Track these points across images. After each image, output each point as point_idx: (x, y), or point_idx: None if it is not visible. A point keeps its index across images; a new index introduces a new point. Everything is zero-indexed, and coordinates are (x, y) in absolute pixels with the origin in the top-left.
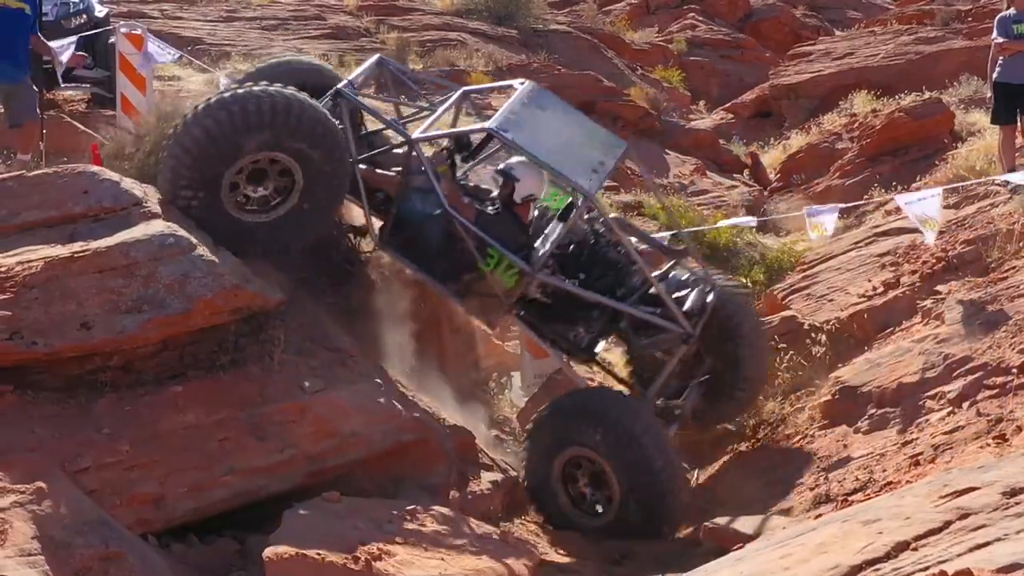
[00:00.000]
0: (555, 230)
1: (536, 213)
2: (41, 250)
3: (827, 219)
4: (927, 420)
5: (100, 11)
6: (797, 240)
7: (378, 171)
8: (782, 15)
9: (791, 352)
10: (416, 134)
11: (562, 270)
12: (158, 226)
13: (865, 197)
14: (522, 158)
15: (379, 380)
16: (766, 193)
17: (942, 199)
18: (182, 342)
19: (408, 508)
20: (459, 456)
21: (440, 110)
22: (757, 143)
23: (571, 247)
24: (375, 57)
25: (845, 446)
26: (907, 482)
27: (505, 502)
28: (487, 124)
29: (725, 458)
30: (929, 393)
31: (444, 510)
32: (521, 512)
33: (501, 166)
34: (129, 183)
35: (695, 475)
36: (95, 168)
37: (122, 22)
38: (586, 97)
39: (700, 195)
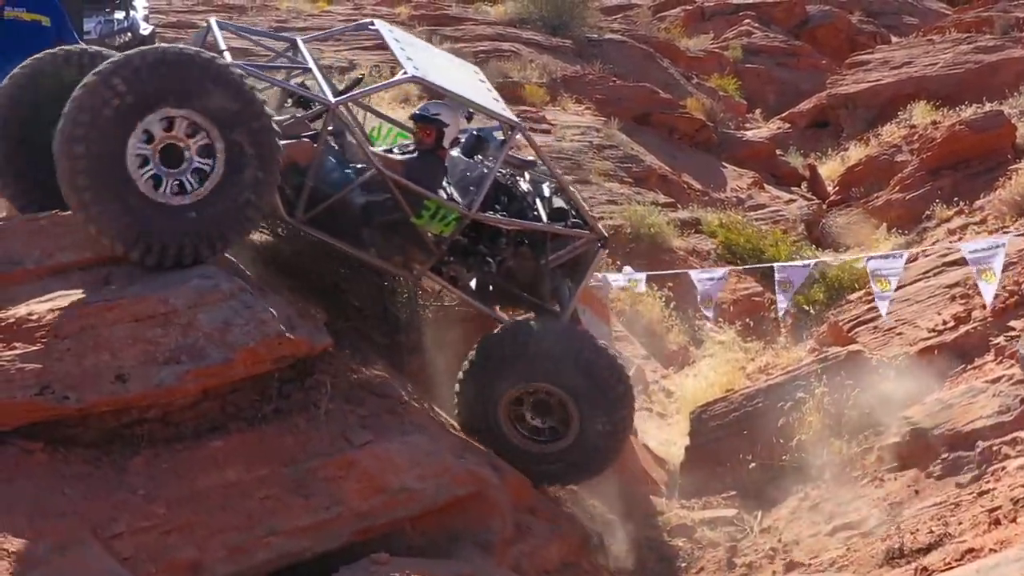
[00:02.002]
0: (472, 167)
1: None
2: (74, 296)
3: (891, 269)
4: (1004, 468)
5: (145, 28)
6: (858, 257)
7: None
8: (838, 21)
9: (858, 389)
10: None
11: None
12: (198, 269)
13: (926, 213)
14: (437, 101)
15: (431, 429)
16: (824, 207)
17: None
18: (223, 391)
19: (463, 572)
20: (514, 505)
21: (307, 67)
22: (814, 153)
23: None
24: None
25: (916, 492)
26: (990, 549)
27: (564, 550)
28: (410, 72)
29: (791, 500)
30: (1005, 439)
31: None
32: (581, 555)
33: (417, 111)
34: None
35: (758, 517)
36: None
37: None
38: (642, 109)
39: (758, 209)
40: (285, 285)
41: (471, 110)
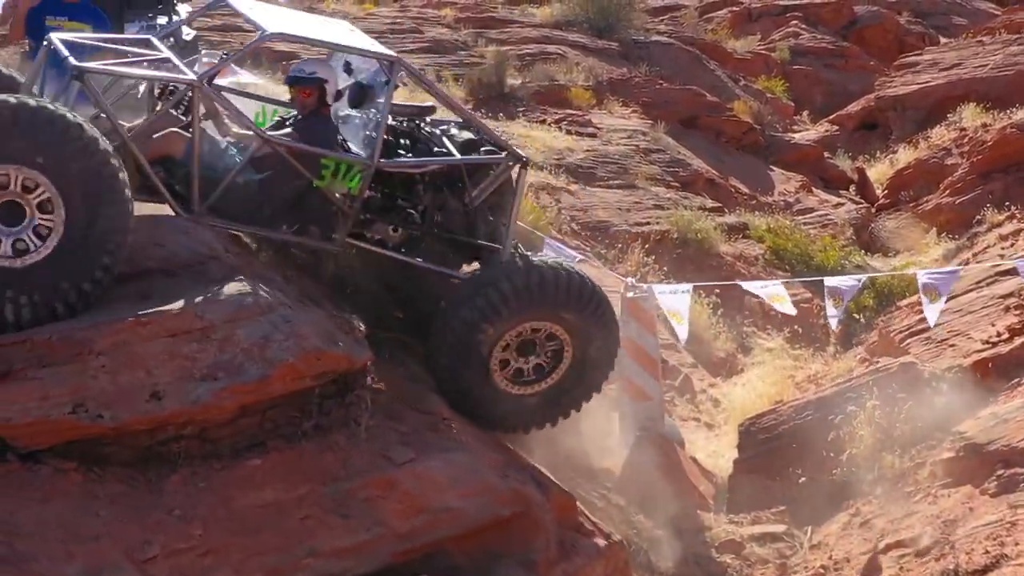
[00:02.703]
0: (366, 119)
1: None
2: (109, 311)
3: (943, 283)
4: None
5: (188, 34)
6: (908, 263)
7: (154, 137)
8: (886, 22)
9: (910, 402)
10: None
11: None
12: (236, 283)
13: (977, 217)
14: (307, 59)
15: (473, 446)
16: (873, 210)
17: None
18: (261, 407)
19: None
20: (558, 522)
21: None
22: (863, 156)
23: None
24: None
25: (971, 509)
26: None
27: (609, 568)
28: (270, 30)
29: (841, 515)
30: None
31: None
32: (627, 573)
33: (291, 74)
34: (206, 235)
35: (808, 533)
36: (169, 217)
37: (205, 51)
38: (689, 112)
39: (806, 213)
40: (325, 295)
41: (347, 59)
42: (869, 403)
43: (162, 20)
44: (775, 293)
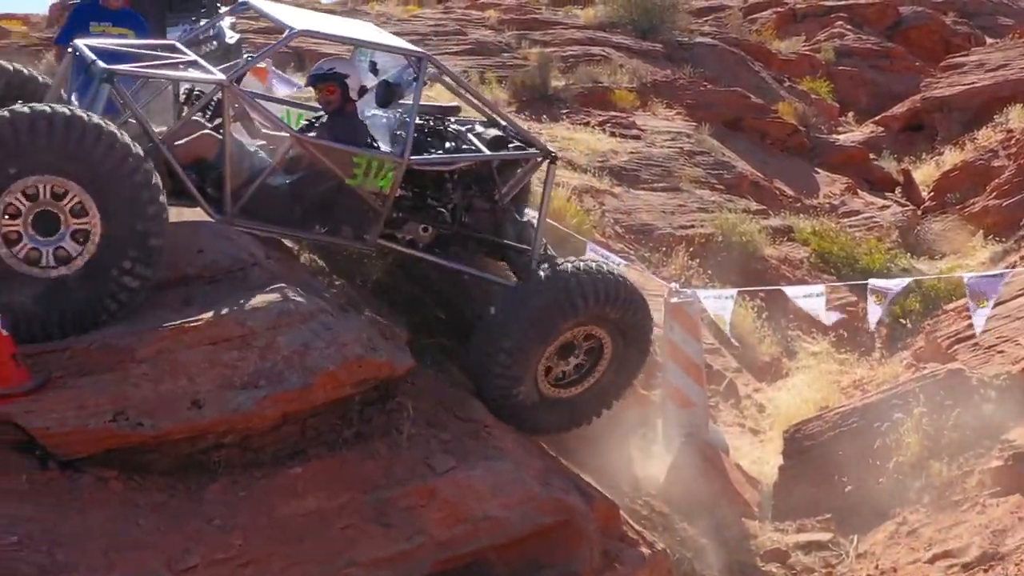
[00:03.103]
0: (393, 118)
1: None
2: (150, 318)
3: (990, 286)
4: None
5: (231, 37)
6: (954, 266)
7: (183, 141)
8: (932, 22)
9: (958, 409)
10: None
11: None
12: (277, 290)
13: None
14: (329, 58)
15: (515, 454)
16: (919, 213)
17: None
18: (303, 415)
19: None
20: (602, 531)
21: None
22: (908, 158)
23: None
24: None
25: (1020, 519)
26: None
27: None
28: (296, 28)
29: (888, 524)
30: None
31: None
32: None
33: (312, 73)
34: (247, 240)
35: (854, 542)
36: (209, 223)
37: (247, 55)
38: (733, 113)
39: (851, 216)
40: (366, 301)
41: (373, 58)
42: (916, 410)
43: (205, 24)
44: (813, 302)
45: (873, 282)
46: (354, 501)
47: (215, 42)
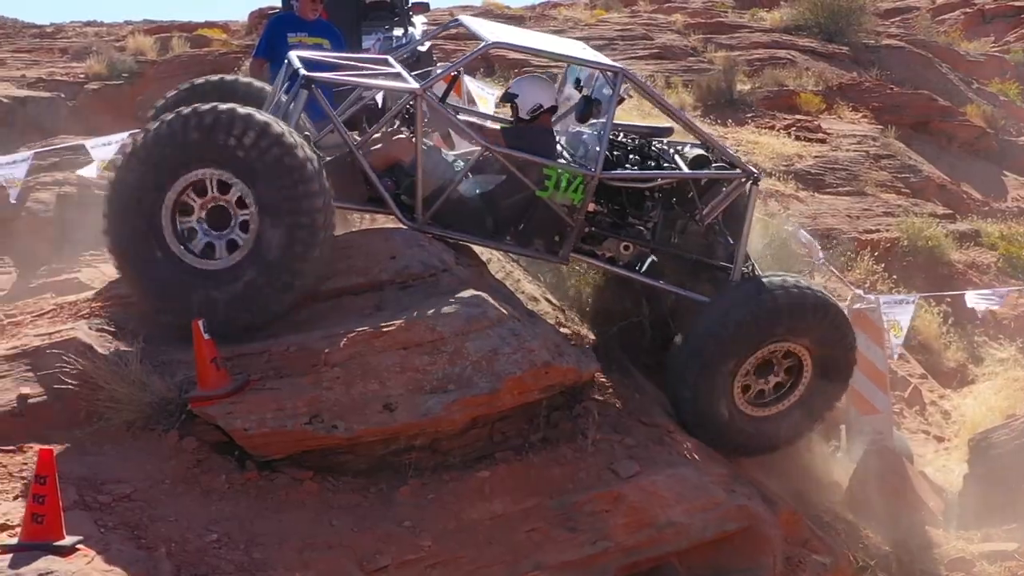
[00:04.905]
0: (593, 135)
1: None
2: (344, 323)
3: None
4: None
5: (423, 46)
6: None
7: (376, 148)
8: None
9: None
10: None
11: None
12: (466, 296)
13: None
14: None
15: (699, 459)
16: None
17: None
18: (491, 420)
19: None
20: (785, 538)
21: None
22: None
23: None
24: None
25: None
26: None
27: None
28: (491, 40)
29: None
30: None
31: None
32: None
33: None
34: (438, 247)
35: None
36: (401, 230)
37: (439, 66)
38: (920, 116)
39: None
40: (553, 305)
41: (579, 75)
42: None
43: (398, 32)
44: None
45: None
46: (540, 505)
47: (406, 50)
